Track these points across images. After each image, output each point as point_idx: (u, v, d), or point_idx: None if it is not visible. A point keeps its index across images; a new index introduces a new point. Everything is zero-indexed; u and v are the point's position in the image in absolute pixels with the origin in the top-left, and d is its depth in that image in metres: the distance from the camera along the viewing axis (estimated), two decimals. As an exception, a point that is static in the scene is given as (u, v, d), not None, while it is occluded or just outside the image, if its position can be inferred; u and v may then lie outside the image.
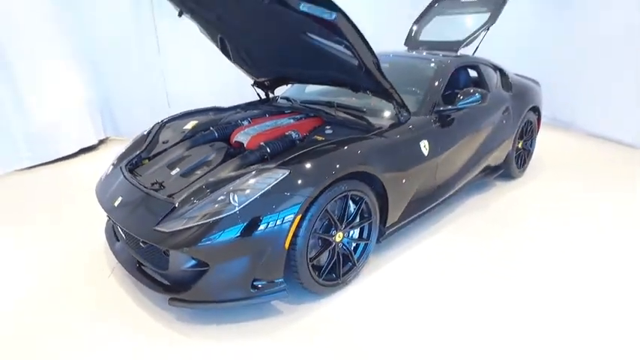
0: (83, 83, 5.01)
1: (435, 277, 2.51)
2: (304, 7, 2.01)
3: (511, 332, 2.07)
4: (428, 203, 2.91)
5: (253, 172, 2.06)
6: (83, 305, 2.26)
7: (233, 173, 2.19)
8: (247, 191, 1.97)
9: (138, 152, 2.74)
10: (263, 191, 1.96)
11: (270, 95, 3.72)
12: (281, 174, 2.01)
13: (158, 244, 1.96)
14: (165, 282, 2.13)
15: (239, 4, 2.29)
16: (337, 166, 2.12)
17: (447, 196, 3.11)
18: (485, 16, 4.00)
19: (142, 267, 2.26)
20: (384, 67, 3.41)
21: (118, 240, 2.50)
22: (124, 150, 2.85)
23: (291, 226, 1.96)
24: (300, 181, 2.00)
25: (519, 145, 4.03)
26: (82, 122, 4.97)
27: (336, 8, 2.03)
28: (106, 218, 2.78)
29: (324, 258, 2.28)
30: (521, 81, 4.10)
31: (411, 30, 4.61)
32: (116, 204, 2.27)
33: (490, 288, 2.42)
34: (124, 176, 2.45)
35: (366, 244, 2.47)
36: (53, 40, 4.64)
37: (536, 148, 4.41)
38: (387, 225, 2.57)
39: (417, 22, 4.62)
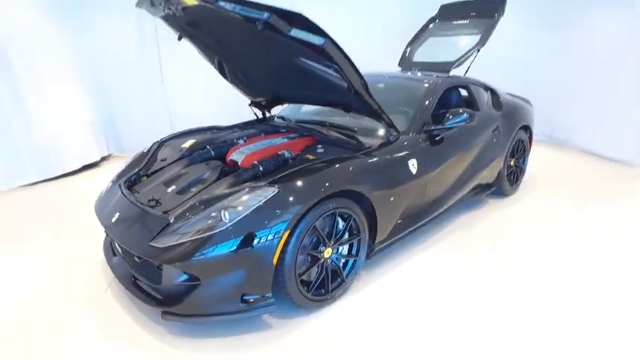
0: (88, 103, 5.19)
1: (425, 293, 2.57)
2: (294, 33, 2.14)
3: (501, 348, 2.12)
4: (418, 220, 2.99)
5: (244, 190, 2.16)
6: (78, 319, 2.34)
7: (226, 191, 2.29)
8: (238, 208, 2.06)
9: (136, 170, 2.85)
10: (253, 208, 2.05)
11: (267, 115, 3.84)
12: (270, 192, 2.10)
13: (152, 259, 2.05)
14: (159, 296, 2.20)
15: (235, 30, 2.42)
16: (325, 184, 2.21)
17: (437, 213, 3.19)
18: (477, 38, 4.15)
19: (137, 281, 2.33)
20: (377, 87, 3.58)
21: (115, 255, 2.59)
22: (123, 167, 2.96)
23: (279, 242, 2.04)
24: (288, 199, 2.09)
25: (511, 163, 4.11)
26: (85, 140, 5.12)
27: (324, 34, 2.16)
28: (105, 234, 2.88)
29: (313, 273, 2.35)
30: (513, 100, 4.21)
31: (405, 51, 4.77)
32: (113, 220, 2.37)
33: (481, 303, 2.47)
34: (122, 193, 2.55)
35: (355, 261, 2.54)
36: (60, 62, 4.83)
37: (530, 166, 4.50)
38: (377, 242, 2.64)
39: (410, 43, 4.78)
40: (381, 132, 2.91)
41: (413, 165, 2.76)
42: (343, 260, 2.52)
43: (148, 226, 2.18)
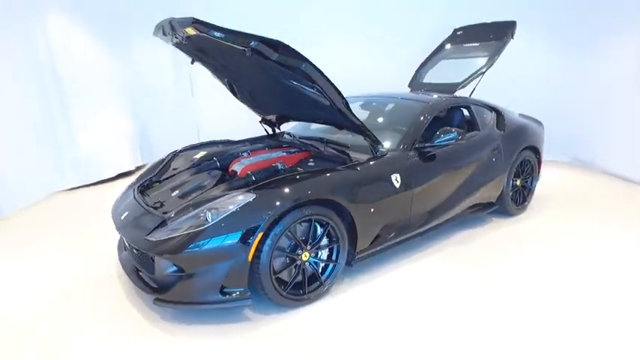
0: (125, 117, 5.80)
1: (406, 302, 2.70)
2: (278, 57, 2.46)
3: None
4: (404, 232, 3.15)
5: (228, 195, 2.47)
6: (87, 305, 2.71)
7: (216, 195, 2.60)
8: (220, 210, 2.36)
9: (150, 176, 3.25)
10: (231, 211, 2.34)
11: (277, 131, 4.18)
12: (249, 197, 2.40)
13: (146, 250, 2.39)
14: (154, 285, 2.53)
15: (233, 55, 2.78)
16: (299, 193, 2.46)
17: (427, 227, 3.33)
18: (485, 60, 4.30)
19: (140, 273, 2.68)
20: (379, 107, 3.84)
21: (125, 250, 2.97)
22: (141, 173, 3.38)
23: (253, 241, 2.31)
24: (263, 204, 2.37)
25: (517, 183, 4.16)
26: (121, 150, 5.71)
27: (304, 59, 2.46)
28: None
29: (291, 274, 2.59)
30: (519, 121, 4.28)
31: (416, 73, 4.98)
32: (122, 217, 2.75)
33: (468, 313, 2.56)
34: (134, 195, 2.95)
35: (334, 266, 2.75)
36: (103, 80, 5.49)
37: (547, 187, 4.52)
38: (358, 250, 2.84)
39: (422, 65, 4.99)
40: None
41: (396, 179, 2.96)
42: (323, 264, 2.74)
43: (147, 223, 2.54)
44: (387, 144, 3.22)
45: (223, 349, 2.26)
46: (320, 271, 2.73)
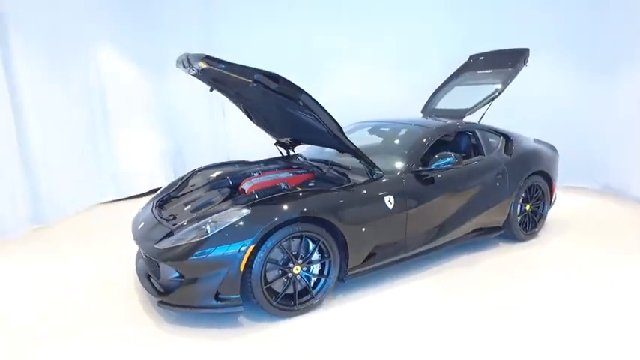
0: (161, 138, 6.36)
1: (397, 319, 2.82)
2: (278, 88, 2.76)
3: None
4: (400, 252, 3.29)
5: (227, 210, 2.76)
6: (97, 306, 3.05)
7: (221, 209, 2.90)
8: (219, 223, 2.65)
9: (169, 192, 3.62)
10: (228, 224, 2.62)
11: (292, 153, 4.47)
12: (245, 212, 2.67)
13: (153, 257, 2.71)
14: (161, 289, 2.83)
15: (242, 85, 3.11)
16: (290, 210, 2.70)
17: (425, 248, 3.44)
18: (496, 87, 4.42)
19: (150, 278, 3.01)
20: (383, 132, 4.05)
21: (141, 258, 3.32)
22: (162, 189, 3.77)
23: (245, 253, 2.57)
24: (256, 219, 2.63)
25: (527, 208, 4.17)
26: (157, 168, 6.24)
27: (301, 90, 2.75)
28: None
29: (283, 285, 2.82)
30: (529, 146, 4.31)
31: (429, 99, 5.15)
32: (139, 228, 3.11)
33: (461, 336, 2.64)
34: (151, 209, 3.31)
35: (325, 280, 2.94)
36: (142, 104, 6.08)
37: (572, 213, 4.58)
38: (350, 266, 3.02)
39: (436, 92, 5.16)
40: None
41: (389, 201, 3.13)
42: (315, 278, 2.94)
43: (157, 233, 2.87)
44: (385, 167, 3.41)
45: (216, 350, 2.51)
46: (312, 284, 2.93)
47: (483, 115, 4.49)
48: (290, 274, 2.80)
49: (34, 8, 4.66)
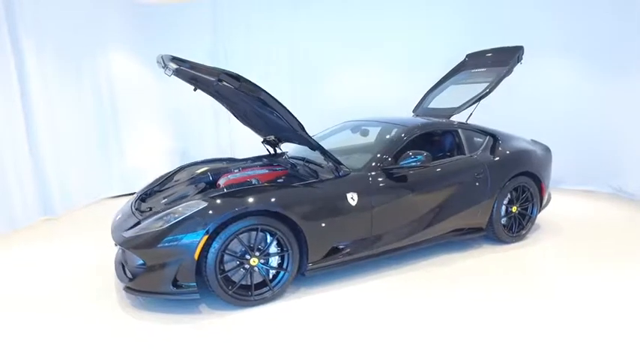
0: (168, 135, 6.68)
1: (360, 314, 2.88)
2: (240, 87, 2.91)
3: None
4: (366, 250, 3.34)
5: (187, 202, 2.93)
6: (75, 291, 3.31)
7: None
8: (177, 214, 2.83)
9: (152, 186, 3.85)
10: (186, 215, 2.80)
11: (279, 150, 4.61)
12: (202, 204, 2.83)
13: (120, 245, 2.92)
14: (130, 276, 3.04)
15: (212, 85, 3.26)
16: (242, 203, 2.84)
17: (397, 246, 3.47)
18: (485, 86, 4.38)
19: (124, 266, 3.23)
20: (364, 131, 4.12)
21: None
22: (148, 183, 4.01)
23: (199, 243, 2.72)
24: (211, 211, 2.79)
25: (513, 210, 4.09)
26: (163, 165, 6.54)
27: (261, 90, 2.89)
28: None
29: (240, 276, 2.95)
30: (518, 147, 4.22)
31: (422, 98, 5.14)
32: (117, 218, 3.35)
33: (415, 334, 2.68)
34: (131, 201, 3.55)
35: (284, 273, 3.05)
36: (150, 104, 6.42)
37: (573, 218, 4.59)
38: (310, 261, 3.11)
39: (430, 90, 5.15)
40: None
41: (352, 198, 3.19)
42: (274, 271, 3.05)
43: (129, 223, 3.09)
44: (355, 165, 3.48)
45: (169, 334, 2.68)
46: (271, 277, 3.05)
47: (471, 114, 4.45)
48: (247, 266, 2.94)
49: (46, 13, 5.07)
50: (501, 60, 4.55)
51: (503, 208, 4.07)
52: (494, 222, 3.98)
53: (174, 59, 2.93)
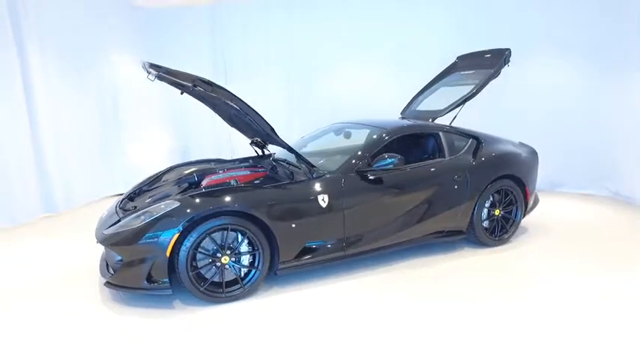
0: (169, 136, 6.92)
1: (329, 314, 2.98)
2: (214, 92, 3.07)
3: None
4: (340, 251, 3.45)
5: (162, 202, 3.10)
6: (71, 283, 3.53)
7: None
8: (153, 213, 3.00)
9: (141, 186, 4.04)
10: (160, 214, 2.97)
11: (267, 152, 4.75)
12: (175, 204, 3.00)
13: (100, 242, 3.11)
14: (111, 271, 3.23)
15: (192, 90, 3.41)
16: (211, 203, 2.99)
17: (369, 248, 3.57)
18: (470, 88, 4.42)
19: (107, 262, 3.42)
20: (347, 133, 4.22)
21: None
22: (137, 183, 4.20)
23: (170, 241, 2.89)
24: (183, 211, 2.94)
25: (496, 213, 4.12)
26: (164, 164, 6.77)
27: (233, 96, 3.04)
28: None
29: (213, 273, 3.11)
30: (501, 149, 4.25)
31: (411, 100, 5.20)
32: (103, 216, 3.55)
33: (380, 336, 2.77)
34: (118, 200, 3.74)
35: (255, 272, 3.19)
36: (152, 105, 6.67)
37: (564, 221, 4.63)
38: (281, 260, 3.24)
39: (420, 92, 5.20)
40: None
41: (323, 200, 3.31)
42: (246, 269, 3.19)
43: (110, 221, 3.28)
44: (331, 167, 3.59)
45: (147, 327, 2.85)
46: (243, 275, 3.19)
47: (455, 116, 4.50)
48: (219, 264, 3.08)
49: (49, 16, 5.34)
50: (488, 62, 4.57)
51: (485, 211, 4.11)
52: (475, 225, 4.03)
53: (152, 65, 3.11)
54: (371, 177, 3.55)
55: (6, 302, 3.24)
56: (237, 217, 3.06)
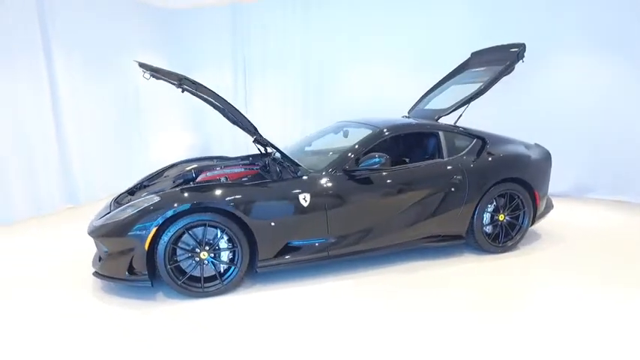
0: (189, 132, 7.18)
1: (307, 315, 2.99)
2: (201, 92, 3.17)
3: None
4: (322, 252, 3.42)
5: (145, 196, 3.22)
6: (61, 279, 3.75)
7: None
8: (135, 207, 3.13)
9: (143, 180, 4.23)
10: (141, 208, 3.09)
11: (269, 150, 4.80)
12: (156, 199, 3.10)
13: (89, 233, 3.29)
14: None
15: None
16: (190, 200, 3.07)
17: (356, 249, 3.52)
18: (478, 86, 4.24)
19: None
20: (345, 132, 4.20)
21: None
22: (141, 178, 4.40)
23: (148, 235, 3.00)
24: (162, 206, 3.05)
25: (500, 218, 3.92)
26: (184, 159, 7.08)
27: (218, 96, 3.13)
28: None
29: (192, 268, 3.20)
30: (508, 151, 4.04)
31: (420, 99, 5.05)
32: (102, 209, 3.75)
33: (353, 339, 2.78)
34: (118, 194, 3.94)
35: (234, 268, 3.23)
36: (173, 103, 6.94)
37: (584, 228, 4.39)
38: (261, 258, 3.27)
39: (430, 91, 5.03)
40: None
41: (304, 199, 3.29)
42: (226, 266, 3.25)
43: (103, 214, 3.46)
44: (318, 165, 3.57)
45: (124, 317, 2.99)
46: (222, 271, 3.25)
47: (460, 115, 4.32)
48: (197, 259, 3.16)
49: (74, 17, 5.71)
50: (501, 58, 4.34)
51: (488, 215, 3.92)
52: (475, 230, 3.85)
53: (141, 65, 3.24)
54: (358, 177, 3.50)
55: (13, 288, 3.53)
56: (215, 214, 3.13)
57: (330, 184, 3.41)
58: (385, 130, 3.79)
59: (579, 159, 5.71)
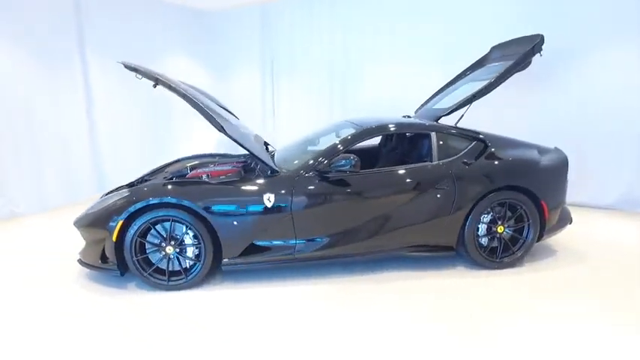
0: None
1: (268, 320, 2.99)
2: (181, 90, 3.32)
3: None
4: (288, 254, 3.41)
5: (119, 191, 3.44)
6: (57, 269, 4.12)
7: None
8: (110, 199, 3.37)
9: (145, 175, 4.51)
10: (114, 200, 3.32)
11: (270, 148, 4.87)
12: (125, 193, 3.31)
13: (73, 223, 3.59)
14: (90, 249, 3.72)
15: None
16: (153, 195, 3.23)
17: (333, 254, 3.45)
18: (482, 84, 3.96)
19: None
20: (337, 133, 4.16)
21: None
22: (145, 173, 4.69)
23: (115, 227, 3.21)
24: (129, 200, 3.24)
25: (499, 230, 3.60)
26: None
27: (187, 97, 3.24)
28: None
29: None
30: (510, 156, 3.71)
31: (431, 96, 4.79)
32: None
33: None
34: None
35: (199, 265, 3.34)
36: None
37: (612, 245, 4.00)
38: (225, 257, 3.34)
39: (441, 89, 4.76)
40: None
41: (269, 199, 3.29)
42: (191, 262, 3.36)
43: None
44: (290, 166, 3.55)
45: (91, 304, 3.23)
46: (189, 266, 3.37)
47: (462, 115, 4.02)
48: (162, 253, 3.32)
49: (109, 23, 6.26)
50: (520, 52, 3.97)
51: (484, 226, 3.61)
52: (467, 242, 3.57)
53: (127, 67, 3.46)
54: (332, 179, 3.41)
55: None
56: (179, 210, 3.25)
57: (298, 186, 3.37)
58: (367, 130, 3.67)
59: (629, 166, 5.02)
